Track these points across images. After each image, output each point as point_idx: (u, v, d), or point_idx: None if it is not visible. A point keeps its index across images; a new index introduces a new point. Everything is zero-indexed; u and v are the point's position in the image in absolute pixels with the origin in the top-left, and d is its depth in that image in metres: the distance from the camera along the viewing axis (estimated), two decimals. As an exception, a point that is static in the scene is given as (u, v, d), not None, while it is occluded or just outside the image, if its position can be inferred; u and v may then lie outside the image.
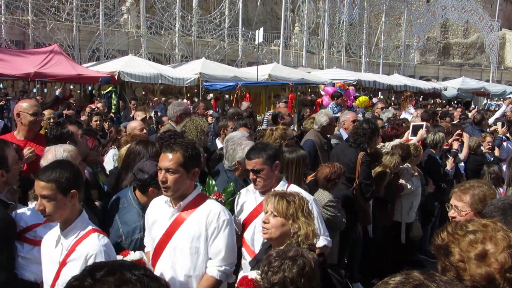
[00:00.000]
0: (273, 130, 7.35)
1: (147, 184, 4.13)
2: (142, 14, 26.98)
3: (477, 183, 3.86)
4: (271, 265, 2.93)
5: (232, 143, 5.25)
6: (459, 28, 54.02)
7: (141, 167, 4.20)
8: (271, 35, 34.29)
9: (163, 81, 20.85)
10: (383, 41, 42.47)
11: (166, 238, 3.80)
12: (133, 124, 7.47)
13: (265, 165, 4.41)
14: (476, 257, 2.18)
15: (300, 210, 3.57)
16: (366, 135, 7.07)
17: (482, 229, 2.26)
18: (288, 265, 2.88)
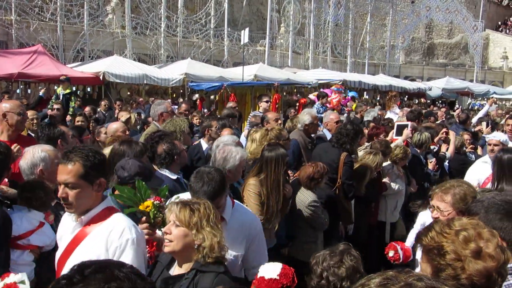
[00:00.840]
0: (268, 131, 7.35)
1: (125, 183, 4.09)
2: (127, 14, 26.87)
3: (457, 183, 3.89)
4: (330, 262, 3.00)
5: (223, 151, 5.14)
6: (443, 29, 54.42)
7: (123, 165, 4.18)
8: (257, 36, 34.30)
9: (148, 82, 20.80)
10: (369, 42, 42.64)
11: (66, 255, 3.38)
12: (114, 126, 7.41)
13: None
14: (472, 254, 2.22)
15: (206, 219, 3.29)
16: (349, 136, 7.12)
17: (470, 226, 2.30)
18: (348, 257, 2.99)
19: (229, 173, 5.02)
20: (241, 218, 4.27)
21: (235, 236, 4.08)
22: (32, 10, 23.47)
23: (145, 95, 21.33)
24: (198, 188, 3.90)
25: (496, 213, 2.75)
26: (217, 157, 5.07)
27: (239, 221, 4.22)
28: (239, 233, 4.17)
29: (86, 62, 22.91)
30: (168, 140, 5.40)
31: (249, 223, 4.33)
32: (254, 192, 5.61)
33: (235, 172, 5.09)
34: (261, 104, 11.83)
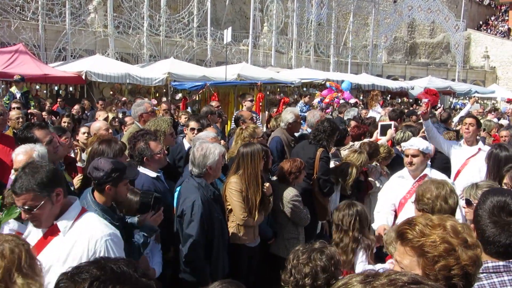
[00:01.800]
0: (243, 129, 7.42)
1: (103, 182, 4.08)
2: (110, 13, 26.72)
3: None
4: (300, 258, 2.99)
5: (201, 149, 5.14)
6: (425, 28, 54.84)
7: (95, 165, 4.13)
8: (240, 35, 34.29)
9: (131, 81, 20.71)
10: (351, 41, 42.82)
11: None
12: (97, 124, 7.39)
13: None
14: (463, 243, 2.26)
15: (15, 269, 2.44)
16: (326, 132, 7.20)
17: (448, 219, 2.35)
18: (317, 256, 2.95)
19: (210, 170, 5.05)
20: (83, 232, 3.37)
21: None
22: (13, 9, 23.26)
23: (127, 94, 21.21)
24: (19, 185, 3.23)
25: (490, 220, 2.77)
26: (196, 155, 5.08)
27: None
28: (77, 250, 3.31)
29: (68, 62, 22.78)
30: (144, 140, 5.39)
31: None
32: (236, 189, 5.66)
33: (215, 168, 5.12)
34: (245, 103, 11.85)
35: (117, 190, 4.14)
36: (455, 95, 36.76)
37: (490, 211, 2.72)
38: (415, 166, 5.81)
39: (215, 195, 5.17)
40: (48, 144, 5.02)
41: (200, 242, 4.84)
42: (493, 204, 2.74)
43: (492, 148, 5.82)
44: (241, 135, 7.21)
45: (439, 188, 4.17)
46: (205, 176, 5.09)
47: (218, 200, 5.28)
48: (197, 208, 4.83)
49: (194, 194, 4.91)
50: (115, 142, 5.33)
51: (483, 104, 36.70)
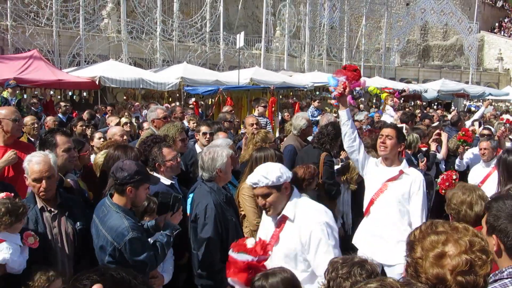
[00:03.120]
0: (254, 134, 7.41)
1: (125, 183, 4.10)
2: (123, 19, 26.86)
3: None
4: (339, 271, 2.93)
5: (209, 153, 5.13)
6: (438, 31, 54.62)
7: (120, 166, 4.17)
8: (253, 39, 34.35)
9: (144, 86, 20.76)
10: (364, 44, 42.76)
11: None
12: (113, 130, 7.41)
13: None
14: (434, 257, 2.24)
15: None
16: (330, 136, 7.19)
17: (448, 232, 2.31)
18: (357, 271, 2.90)
19: (220, 172, 5.02)
20: None
21: None
22: (27, 16, 23.44)
23: (141, 99, 21.28)
24: None
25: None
26: (204, 159, 5.05)
27: None
28: None
29: (82, 67, 22.86)
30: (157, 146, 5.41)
31: None
32: (248, 195, 5.64)
33: (225, 170, 5.09)
34: (258, 108, 11.85)
35: (138, 193, 4.17)
36: (469, 98, 36.52)
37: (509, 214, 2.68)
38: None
39: (228, 197, 5.14)
40: (66, 151, 5.06)
41: (216, 244, 4.81)
42: None
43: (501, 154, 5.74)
44: (253, 139, 7.20)
45: (465, 194, 4.18)
46: (216, 180, 5.06)
47: (231, 203, 5.25)
48: (210, 211, 4.80)
49: (207, 198, 4.89)
50: (131, 148, 5.36)
51: (497, 106, 36.42)
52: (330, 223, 4.01)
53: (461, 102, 37.50)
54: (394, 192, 5.49)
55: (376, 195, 5.59)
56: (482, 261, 2.23)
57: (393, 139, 5.55)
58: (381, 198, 5.57)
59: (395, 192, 5.48)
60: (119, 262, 4.04)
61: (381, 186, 5.57)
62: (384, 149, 5.62)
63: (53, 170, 4.29)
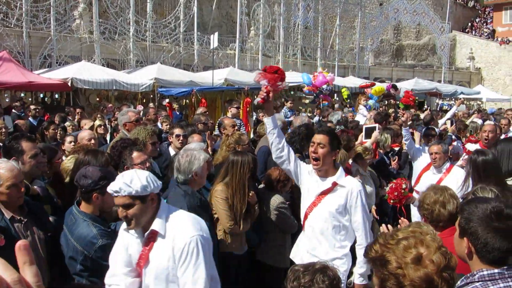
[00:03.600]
0: (228, 136, 7.38)
1: (91, 190, 4.02)
2: (95, 19, 26.58)
3: None
4: (301, 280, 2.90)
5: (186, 155, 5.08)
6: (411, 30, 55.20)
7: (83, 173, 4.08)
8: (227, 39, 34.31)
9: (117, 87, 20.57)
10: (338, 44, 42.97)
11: None
12: (82, 133, 7.31)
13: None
14: (412, 261, 2.24)
15: None
16: (300, 136, 7.22)
17: (412, 235, 2.33)
18: (320, 278, 2.86)
19: (195, 176, 4.97)
20: None
21: None
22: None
23: (114, 100, 21.09)
24: None
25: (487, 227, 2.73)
26: (181, 161, 5.00)
27: None
28: None
29: (54, 68, 22.55)
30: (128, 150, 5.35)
31: None
32: (222, 197, 5.61)
33: (201, 174, 5.05)
34: (231, 109, 11.81)
35: (105, 199, 4.10)
36: (441, 97, 36.94)
37: (488, 218, 2.68)
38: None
39: (202, 202, 5.11)
40: (33, 157, 4.93)
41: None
42: (489, 211, 2.70)
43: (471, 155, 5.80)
44: (226, 141, 7.17)
45: (437, 194, 4.21)
46: (190, 183, 5.02)
47: (205, 207, 5.22)
48: (183, 215, 4.77)
49: (181, 202, 4.84)
50: (101, 153, 5.27)
51: (469, 105, 36.93)
52: (204, 236, 3.65)
53: (434, 100, 37.92)
54: (328, 206, 4.93)
55: (309, 209, 5.06)
56: (449, 254, 2.29)
57: (325, 147, 4.85)
58: (315, 212, 5.02)
59: (329, 206, 4.92)
60: (91, 269, 4.00)
61: (314, 200, 5.01)
62: (316, 163, 4.93)
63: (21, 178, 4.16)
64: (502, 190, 5.01)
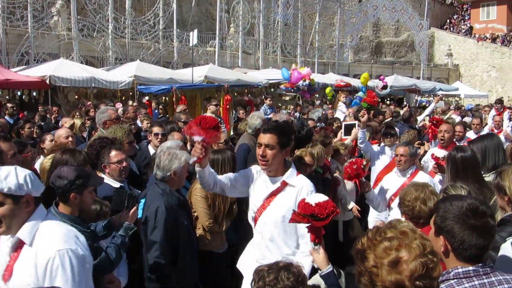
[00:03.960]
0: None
1: (67, 190, 3.99)
2: (73, 16, 26.32)
3: None
4: (266, 279, 2.90)
5: (168, 153, 5.08)
6: (390, 27, 55.58)
7: (58, 174, 4.03)
8: (207, 36, 34.21)
9: (96, 85, 20.45)
10: (318, 41, 43.10)
11: None
12: (59, 132, 7.24)
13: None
14: (389, 263, 2.23)
15: None
16: None
17: (399, 237, 2.31)
18: (284, 275, 2.87)
19: (174, 175, 4.99)
20: None
21: None
22: (-28, 13, 22.77)
23: (93, 98, 20.93)
24: None
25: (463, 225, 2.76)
26: (162, 158, 5.02)
27: None
28: None
29: (31, 66, 22.30)
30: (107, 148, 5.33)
31: None
32: (201, 196, 5.63)
33: (180, 174, 5.06)
34: (210, 107, 11.79)
35: (82, 198, 4.05)
36: (420, 93, 37.24)
37: (464, 215, 2.70)
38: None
39: (180, 200, 5.11)
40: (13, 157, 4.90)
41: (165, 248, 4.78)
42: (465, 208, 2.72)
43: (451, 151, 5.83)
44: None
45: (418, 190, 4.25)
46: (168, 182, 5.03)
47: (184, 206, 5.22)
48: (160, 214, 4.77)
49: (158, 201, 4.86)
50: (79, 152, 5.24)
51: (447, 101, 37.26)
52: (77, 252, 3.14)
53: (412, 97, 38.19)
54: (278, 208, 4.38)
55: (258, 213, 4.51)
56: (434, 263, 2.26)
57: (274, 148, 4.31)
58: (264, 216, 4.47)
59: (279, 208, 4.36)
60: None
61: (263, 202, 4.48)
62: (264, 164, 4.38)
63: None
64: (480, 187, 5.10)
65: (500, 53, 52.49)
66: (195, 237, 5.41)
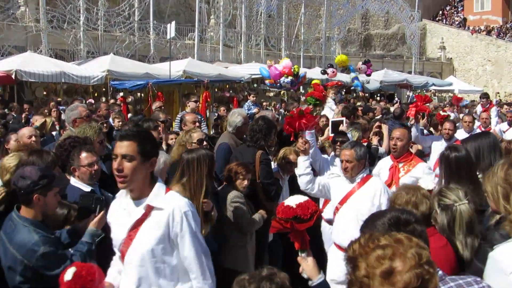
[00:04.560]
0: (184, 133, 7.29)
1: (30, 191, 3.91)
2: (42, 7, 26.12)
3: None
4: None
5: None
6: (379, 19, 55.86)
7: (21, 174, 3.96)
8: (185, 29, 34.11)
9: (66, 80, 20.32)
10: (303, 33, 43.18)
11: None
12: (22, 131, 7.13)
13: None
14: (382, 274, 2.18)
15: None
16: (263, 132, 7.04)
17: (393, 245, 2.26)
18: (266, 285, 2.82)
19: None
20: None
21: None
22: None
23: (63, 94, 20.76)
24: None
25: None
26: None
27: None
28: None
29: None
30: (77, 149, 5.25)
31: None
32: (179, 199, 5.55)
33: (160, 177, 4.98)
34: (189, 104, 11.69)
35: (47, 200, 3.98)
36: (412, 88, 37.44)
37: (389, 231, 2.73)
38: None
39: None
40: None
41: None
42: (387, 224, 2.81)
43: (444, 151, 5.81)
44: (180, 139, 7.08)
45: (409, 194, 4.18)
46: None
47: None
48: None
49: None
50: (47, 153, 5.15)
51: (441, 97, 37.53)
52: None
53: (404, 93, 38.40)
54: (145, 241, 3.56)
55: (124, 248, 3.64)
56: (430, 274, 2.19)
57: (134, 159, 3.45)
58: (130, 253, 3.61)
59: (147, 241, 3.55)
60: (33, 280, 3.88)
61: (126, 236, 3.60)
62: (122, 181, 3.46)
63: None
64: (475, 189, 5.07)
65: (495, 46, 52.97)
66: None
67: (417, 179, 6.76)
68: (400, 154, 7.24)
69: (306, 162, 6.17)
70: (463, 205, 4.01)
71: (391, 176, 7.09)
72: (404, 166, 7.13)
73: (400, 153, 7.26)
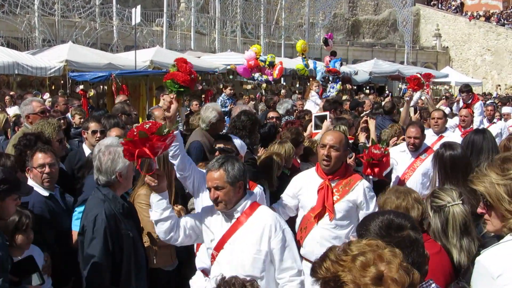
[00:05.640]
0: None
1: None
2: (-9, -11, 25.95)
3: None
4: None
5: (109, 152, 4.99)
6: (369, 3, 56.11)
7: None
8: (153, 14, 34.05)
9: (20, 72, 20.24)
10: (284, 19, 43.28)
11: None
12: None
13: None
14: (372, 281, 2.25)
15: None
16: (246, 128, 6.99)
17: (368, 249, 2.35)
18: None
19: (119, 177, 4.91)
20: None
21: None
22: None
23: (16, 88, 20.63)
24: None
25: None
26: (102, 160, 4.91)
27: None
28: None
29: None
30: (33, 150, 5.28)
31: None
32: (146, 203, 5.55)
33: (126, 175, 5.01)
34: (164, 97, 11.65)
35: (4, 205, 4.01)
36: (404, 80, 37.63)
37: (379, 234, 2.87)
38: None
39: (125, 208, 5.05)
40: None
41: (104, 263, 4.70)
42: (378, 226, 2.93)
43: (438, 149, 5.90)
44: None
45: (399, 198, 4.27)
46: (114, 186, 4.97)
47: (130, 214, 5.15)
48: (99, 223, 4.67)
49: (98, 208, 4.79)
50: (6, 156, 5.17)
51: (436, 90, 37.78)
52: None
53: (396, 85, 38.64)
54: None
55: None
56: (411, 270, 2.33)
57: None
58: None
59: None
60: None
61: None
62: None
63: None
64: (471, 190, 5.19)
65: (495, 34, 53.34)
66: (143, 252, 5.33)
67: None
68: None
69: (161, 202, 4.54)
70: (457, 206, 4.09)
71: None
72: None
73: None
